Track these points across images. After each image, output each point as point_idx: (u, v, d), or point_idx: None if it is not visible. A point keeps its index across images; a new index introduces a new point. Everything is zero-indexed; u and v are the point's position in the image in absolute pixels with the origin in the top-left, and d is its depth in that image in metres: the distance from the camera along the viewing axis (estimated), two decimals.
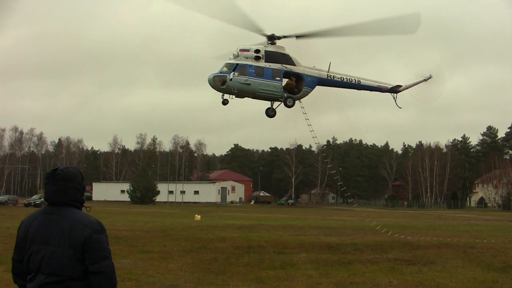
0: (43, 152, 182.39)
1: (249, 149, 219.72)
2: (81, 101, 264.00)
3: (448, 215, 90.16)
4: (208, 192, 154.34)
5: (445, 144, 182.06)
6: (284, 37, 31.97)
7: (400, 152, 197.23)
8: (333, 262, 22.73)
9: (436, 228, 49.37)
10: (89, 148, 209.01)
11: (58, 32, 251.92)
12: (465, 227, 52.15)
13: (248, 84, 30.35)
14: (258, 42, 32.22)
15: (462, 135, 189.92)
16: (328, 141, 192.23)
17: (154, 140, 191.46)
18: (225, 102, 32.40)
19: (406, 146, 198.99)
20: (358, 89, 34.63)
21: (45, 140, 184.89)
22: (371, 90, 35.10)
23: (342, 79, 33.33)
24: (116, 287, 5.75)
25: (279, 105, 32.90)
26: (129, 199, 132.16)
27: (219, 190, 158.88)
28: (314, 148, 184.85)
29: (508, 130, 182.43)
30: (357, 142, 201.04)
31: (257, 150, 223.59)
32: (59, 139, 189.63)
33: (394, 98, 35.91)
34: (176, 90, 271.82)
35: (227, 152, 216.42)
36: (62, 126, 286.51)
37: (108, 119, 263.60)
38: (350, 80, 33.41)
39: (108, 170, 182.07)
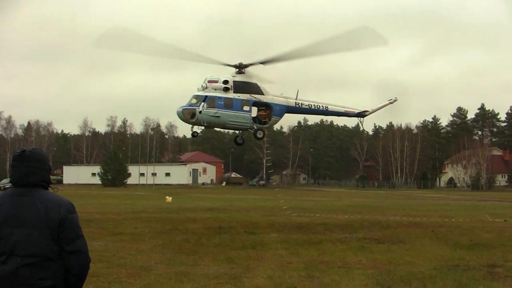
0: (12, 136, 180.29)
1: (220, 130, 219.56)
2: (50, 84, 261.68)
3: (418, 195, 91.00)
4: (180, 174, 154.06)
5: (416, 125, 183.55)
6: (250, 65, 31.85)
7: (371, 133, 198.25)
8: (304, 242, 22.94)
9: (406, 208, 49.86)
10: (59, 131, 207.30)
11: (40, 13, 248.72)
12: (434, 206, 52.72)
13: (218, 116, 30.26)
14: (225, 72, 32.15)
15: (432, 116, 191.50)
16: (299, 122, 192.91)
17: (124, 122, 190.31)
18: (194, 135, 32.48)
19: (377, 127, 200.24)
20: (325, 115, 35.22)
21: (14, 123, 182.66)
22: (338, 116, 35.68)
23: (310, 106, 33.40)
24: (89, 265, 5.80)
25: (246, 133, 33.12)
26: (100, 182, 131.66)
27: (190, 172, 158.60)
28: (285, 129, 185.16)
29: (478, 111, 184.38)
30: (328, 123, 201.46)
31: (228, 132, 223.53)
32: (28, 122, 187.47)
33: (361, 122, 36.65)
34: (147, 73, 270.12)
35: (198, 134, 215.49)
36: (31, 109, 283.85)
37: (78, 102, 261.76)
38: (318, 107, 33.53)
39: (79, 153, 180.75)
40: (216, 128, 32.47)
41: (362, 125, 37.65)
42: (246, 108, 31.09)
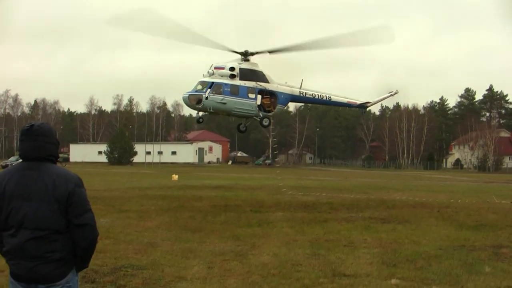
0: (19, 114, 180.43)
1: None
2: (57, 62, 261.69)
3: (424, 176, 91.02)
4: (186, 153, 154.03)
5: (423, 106, 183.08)
6: (257, 53, 31.85)
7: (377, 113, 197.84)
8: (309, 220, 22.99)
9: (412, 188, 49.90)
10: (66, 110, 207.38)
11: None
12: (440, 187, 52.73)
13: (224, 103, 30.28)
14: (231, 59, 32.13)
15: (440, 97, 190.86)
16: None
17: (131, 101, 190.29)
18: (200, 121, 32.59)
19: (384, 107, 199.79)
20: (328, 105, 35.72)
21: (21, 101, 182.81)
22: (341, 106, 36.30)
23: (313, 95, 33.57)
24: (97, 238, 5.83)
25: (250, 121, 33.22)
26: (107, 160, 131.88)
27: (196, 150, 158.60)
28: (291, 109, 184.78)
29: (486, 93, 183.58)
30: None
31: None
32: (35, 101, 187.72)
33: (362, 113, 37.56)
34: (154, 52, 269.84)
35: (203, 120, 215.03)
36: (38, 87, 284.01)
37: (84, 80, 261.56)
38: (321, 96, 33.71)
39: (85, 132, 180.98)
40: (221, 114, 32.60)
41: (363, 113, 38.84)
42: (251, 95, 31.17)
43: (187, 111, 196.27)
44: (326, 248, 15.98)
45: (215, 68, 30.94)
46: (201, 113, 31.13)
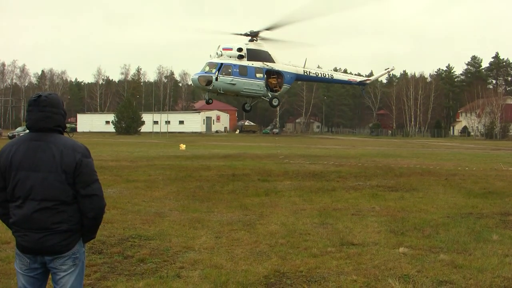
0: (26, 84, 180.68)
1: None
2: (63, 32, 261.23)
3: (431, 144, 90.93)
4: (193, 122, 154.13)
5: (430, 74, 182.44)
6: (259, 32, 31.87)
7: (384, 81, 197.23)
8: (317, 189, 23.00)
9: (419, 156, 49.85)
10: (73, 80, 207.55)
11: None
12: (447, 155, 52.64)
13: (234, 84, 30.44)
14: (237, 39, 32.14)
15: (447, 64, 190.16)
16: None
17: (138, 70, 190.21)
18: (209, 102, 32.64)
19: (391, 75, 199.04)
20: (330, 83, 36.69)
21: (28, 72, 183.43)
22: (342, 83, 37.44)
23: (317, 74, 34.01)
24: (104, 209, 5.83)
25: (256, 101, 33.41)
26: (114, 130, 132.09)
27: (204, 119, 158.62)
28: None
29: (492, 60, 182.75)
30: (342, 71, 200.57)
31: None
32: (42, 71, 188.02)
33: (362, 89, 38.62)
34: (161, 21, 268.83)
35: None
36: (45, 58, 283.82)
37: (92, 50, 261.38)
38: (324, 75, 34.27)
39: (93, 101, 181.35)
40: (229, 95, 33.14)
41: (363, 92, 39.82)
42: (259, 75, 31.33)
43: None
44: (334, 217, 16.00)
45: (223, 49, 31.08)
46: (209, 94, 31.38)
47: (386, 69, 36.87)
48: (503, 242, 12.70)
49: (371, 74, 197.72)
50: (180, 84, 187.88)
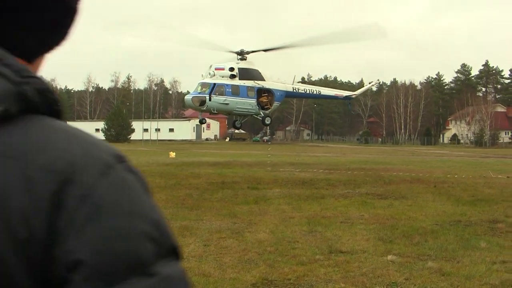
0: None
1: None
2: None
3: (421, 151, 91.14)
4: (183, 130, 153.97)
5: (420, 82, 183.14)
6: (253, 51, 32.06)
7: (374, 89, 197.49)
8: (306, 197, 23.01)
9: (409, 163, 49.91)
10: (63, 87, 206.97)
11: None
12: (437, 162, 52.75)
13: (227, 104, 30.69)
14: (228, 58, 32.37)
15: (436, 72, 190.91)
16: (303, 78, 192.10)
17: (128, 78, 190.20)
18: (203, 122, 32.86)
19: (381, 83, 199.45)
20: (318, 98, 37.65)
21: None
22: (329, 99, 38.63)
23: (305, 90, 34.72)
24: None
25: (246, 119, 33.71)
26: (104, 138, 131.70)
27: (194, 127, 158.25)
28: None
29: (482, 68, 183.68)
30: (332, 79, 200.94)
31: None
32: None
33: (348, 104, 40.01)
34: (152, 29, 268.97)
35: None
36: None
37: (81, 57, 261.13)
38: (312, 91, 35.14)
39: (82, 109, 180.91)
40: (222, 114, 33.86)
41: (350, 106, 41.14)
42: (251, 94, 31.51)
43: (184, 88, 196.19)
44: (323, 224, 16.01)
45: (216, 69, 31.29)
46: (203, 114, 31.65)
47: (370, 83, 38.60)
48: (491, 249, 12.74)
49: (361, 82, 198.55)
50: (170, 92, 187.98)
